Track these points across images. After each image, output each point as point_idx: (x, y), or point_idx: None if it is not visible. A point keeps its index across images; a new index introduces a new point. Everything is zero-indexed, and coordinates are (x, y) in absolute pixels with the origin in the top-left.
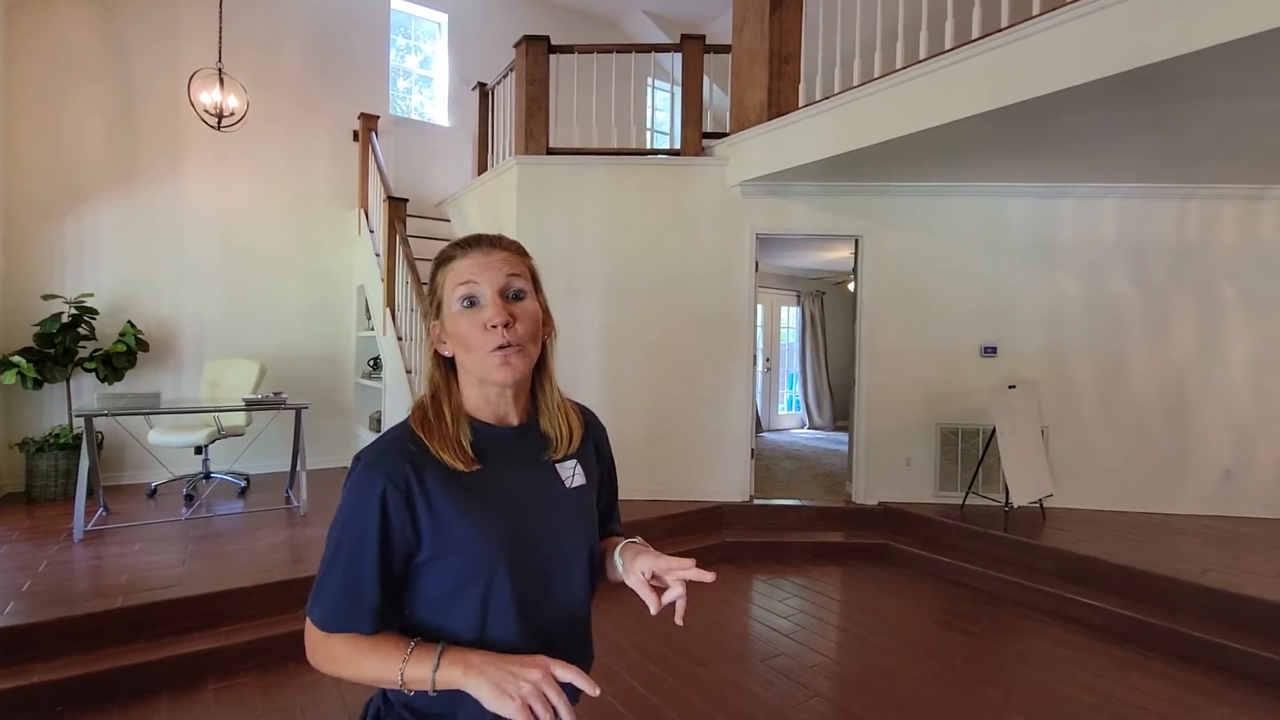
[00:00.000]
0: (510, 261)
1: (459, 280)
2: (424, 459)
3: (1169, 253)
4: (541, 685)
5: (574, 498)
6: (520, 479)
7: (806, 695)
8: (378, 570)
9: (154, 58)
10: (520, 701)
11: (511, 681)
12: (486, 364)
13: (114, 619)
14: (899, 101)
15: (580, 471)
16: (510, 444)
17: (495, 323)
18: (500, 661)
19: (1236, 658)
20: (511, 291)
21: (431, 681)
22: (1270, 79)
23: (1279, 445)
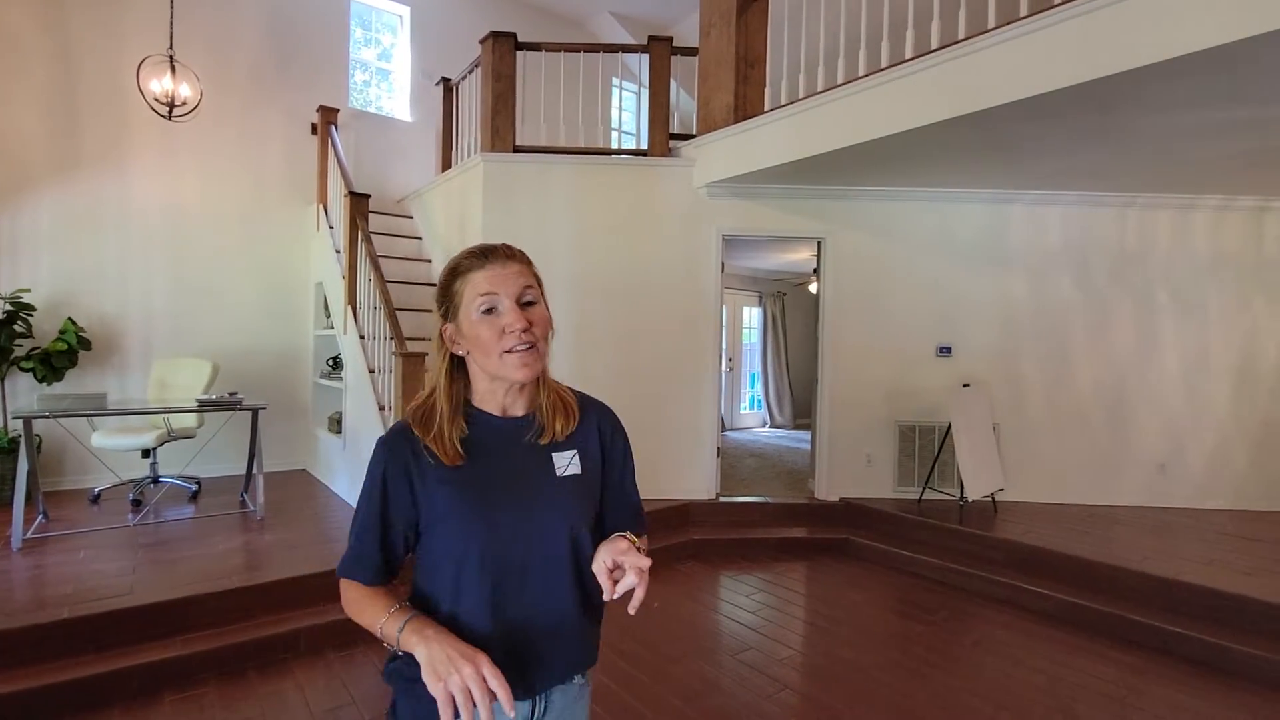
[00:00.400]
0: (523, 273)
1: (479, 291)
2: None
3: (1109, 258)
4: (468, 681)
5: (566, 485)
6: (511, 467)
7: (777, 688)
8: (378, 533)
9: (98, 44)
10: (444, 688)
11: (445, 665)
12: (504, 365)
13: (59, 630)
14: (861, 108)
15: (576, 460)
16: (509, 433)
17: (516, 329)
18: (446, 643)
19: (1173, 639)
20: (525, 299)
21: (397, 642)
22: (1199, 96)
23: (1208, 440)
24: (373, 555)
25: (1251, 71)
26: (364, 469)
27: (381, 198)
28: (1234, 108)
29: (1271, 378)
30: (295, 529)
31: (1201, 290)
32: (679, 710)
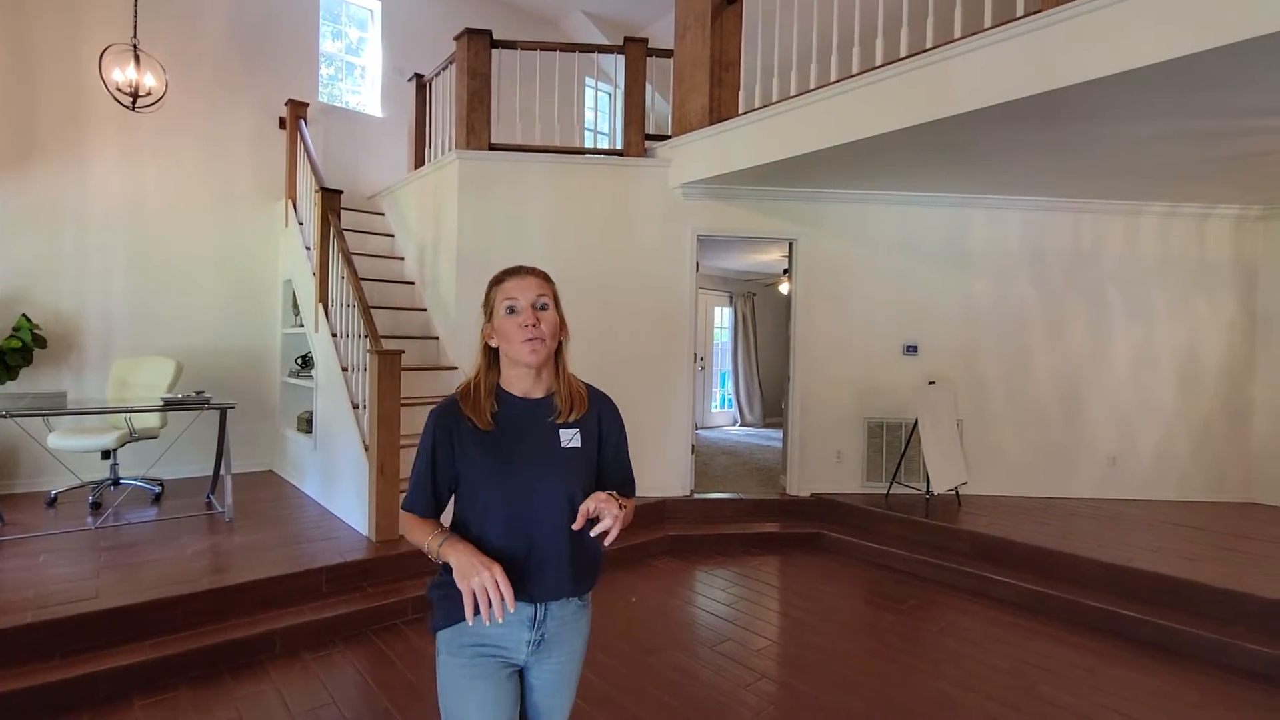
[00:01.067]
0: (539, 285)
1: (505, 296)
2: (463, 417)
3: (1065, 260)
4: (485, 583)
5: (568, 455)
6: (527, 436)
7: (754, 677)
8: (429, 480)
9: (55, 31)
10: (468, 586)
11: (470, 569)
12: (520, 351)
13: (22, 636)
14: (833, 112)
15: (578, 437)
16: (528, 410)
17: (528, 323)
18: (472, 555)
19: (1127, 623)
20: (539, 304)
21: (438, 554)
22: (1147, 108)
23: (1156, 434)
24: (426, 496)
25: (1195, 86)
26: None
27: (352, 194)
28: (1179, 119)
29: (1212, 375)
30: (266, 530)
31: (1149, 291)
32: (659, 700)
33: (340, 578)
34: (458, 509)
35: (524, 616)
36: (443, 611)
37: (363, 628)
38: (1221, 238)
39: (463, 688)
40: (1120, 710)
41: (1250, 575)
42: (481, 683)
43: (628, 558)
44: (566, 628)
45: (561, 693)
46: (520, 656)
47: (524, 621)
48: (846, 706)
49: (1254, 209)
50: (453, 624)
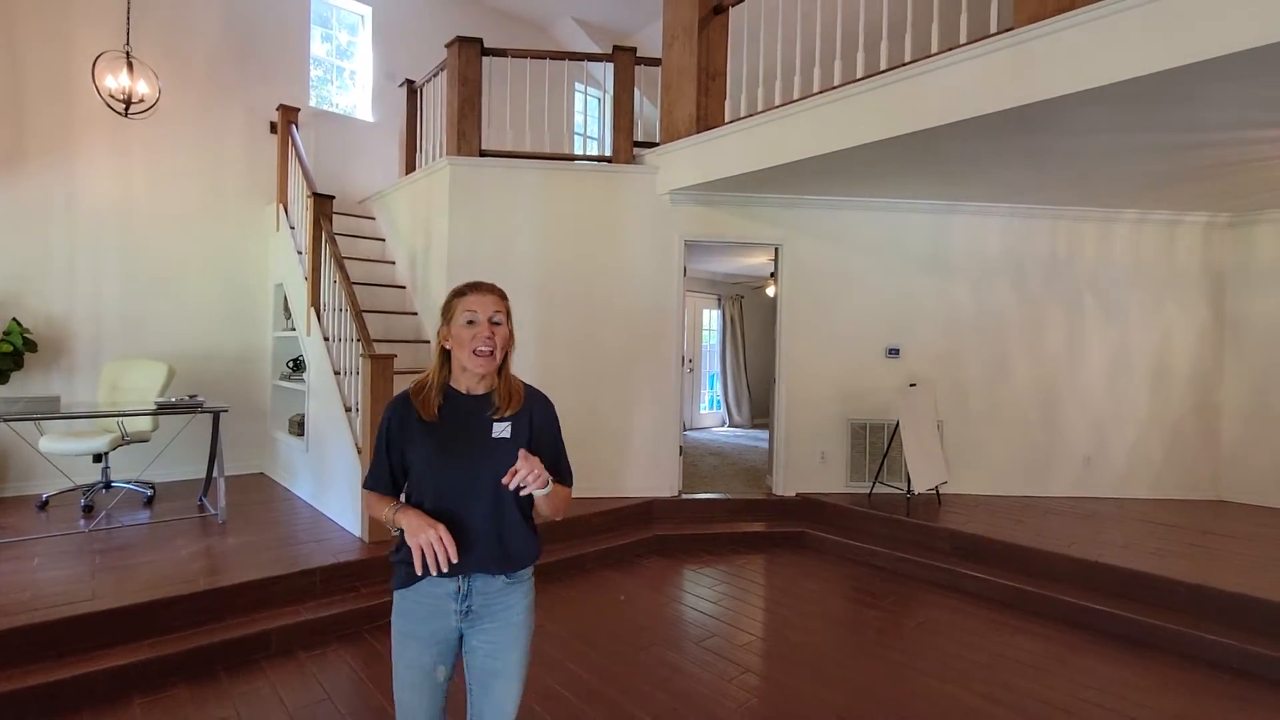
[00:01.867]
0: (496, 302)
1: (466, 308)
2: (412, 409)
3: (1042, 266)
4: (431, 539)
5: (496, 444)
6: (465, 428)
7: (739, 671)
8: (385, 463)
9: (44, 34)
10: (416, 542)
11: (419, 529)
12: (471, 360)
13: (18, 637)
14: (816, 123)
15: (510, 430)
16: (470, 405)
17: (483, 335)
18: (420, 517)
19: (1098, 616)
20: (494, 319)
21: (393, 521)
22: (1112, 122)
23: (1129, 435)
24: (382, 475)
25: (1157, 102)
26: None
27: (343, 198)
28: (1144, 133)
29: (1183, 377)
30: (259, 532)
31: (1122, 296)
32: (648, 694)
33: (334, 578)
34: (409, 488)
35: (450, 590)
36: (401, 574)
37: (357, 626)
38: (1191, 244)
39: (399, 643)
40: (1089, 699)
41: (1215, 570)
42: (411, 641)
43: (616, 558)
44: (494, 601)
45: (500, 656)
46: (453, 624)
47: (450, 594)
48: (827, 698)
49: (1222, 216)
50: (408, 585)
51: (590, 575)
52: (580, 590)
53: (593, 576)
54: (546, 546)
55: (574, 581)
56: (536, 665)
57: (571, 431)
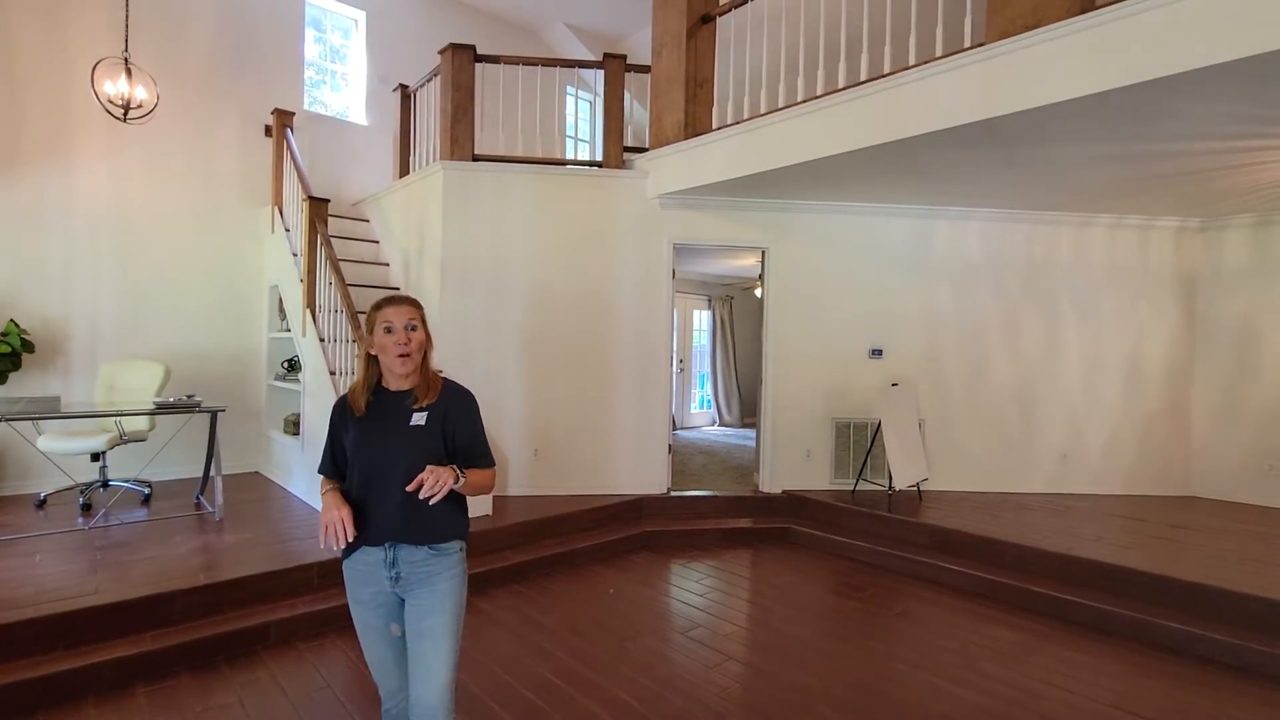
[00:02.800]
0: (410, 311)
1: (384, 320)
2: (349, 406)
3: (1020, 269)
4: (332, 520)
5: (411, 431)
6: (388, 417)
7: (722, 659)
8: (329, 450)
9: (41, 37)
10: (322, 523)
11: (326, 512)
12: (393, 362)
13: (25, 630)
14: (799, 131)
15: (426, 418)
16: (394, 399)
17: (400, 341)
18: (331, 500)
19: (1069, 607)
20: (410, 326)
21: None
22: (1077, 134)
23: (1104, 433)
24: (328, 462)
25: (1119, 115)
26: None
27: (337, 200)
28: (1110, 144)
29: (1155, 377)
30: (256, 529)
31: (1097, 298)
32: (634, 680)
33: (331, 573)
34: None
35: (379, 558)
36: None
37: None
38: (1164, 248)
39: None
40: (1052, 683)
41: (1177, 561)
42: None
43: (606, 553)
44: (420, 569)
45: (427, 619)
46: (387, 587)
47: (380, 561)
48: (804, 683)
49: (1193, 221)
50: (348, 555)
51: (580, 570)
52: (570, 585)
53: (583, 571)
54: (538, 543)
55: (564, 576)
56: (526, 653)
57: (562, 430)
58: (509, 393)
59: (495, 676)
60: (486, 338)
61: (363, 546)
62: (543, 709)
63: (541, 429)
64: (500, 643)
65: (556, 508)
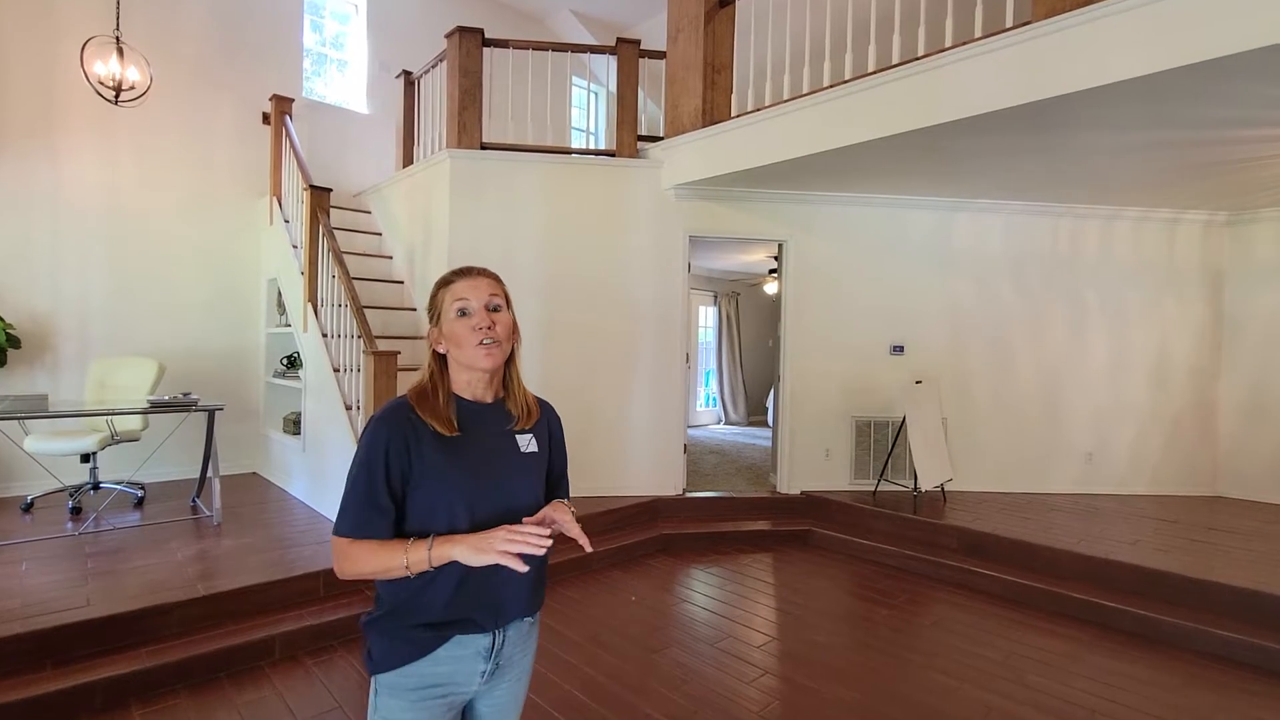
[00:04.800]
0: (492, 285)
1: (456, 297)
2: (420, 421)
3: (1044, 263)
4: (506, 539)
5: (527, 459)
6: (489, 440)
7: (758, 673)
8: (387, 491)
9: (26, 19)
10: (495, 552)
11: (484, 542)
12: (474, 355)
13: (11, 646)
14: (824, 118)
15: (534, 443)
16: (484, 414)
17: (482, 325)
18: (471, 537)
19: (1108, 613)
20: (492, 305)
21: (429, 559)
22: (1122, 120)
23: (1130, 432)
24: (386, 509)
25: (1167, 99)
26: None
27: (337, 191)
28: (1153, 130)
29: (1181, 374)
30: (256, 533)
31: (1123, 294)
32: (666, 696)
33: (338, 581)
34: (413, 525)
35: (480, 647)
36: (385, 651)
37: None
38: (1190, 243)
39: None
40: (1108, 697)
41: (1220, 566)
42: None
43: (622, 557)
44: (519, 650)
45: (508, 715)
46: (472, 689)
47: (480, 653)
48: (849, 699)
49: (1220, 215)
50: (397, 667)
51: (597, 576)
52: (588, 591)
53: (600, 577)
54: (555, 545)
55: (581, 582)
56: (550, 668)
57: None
58: None
59: None
60: None
61: (456, 637)
62: None
63: None
64: None
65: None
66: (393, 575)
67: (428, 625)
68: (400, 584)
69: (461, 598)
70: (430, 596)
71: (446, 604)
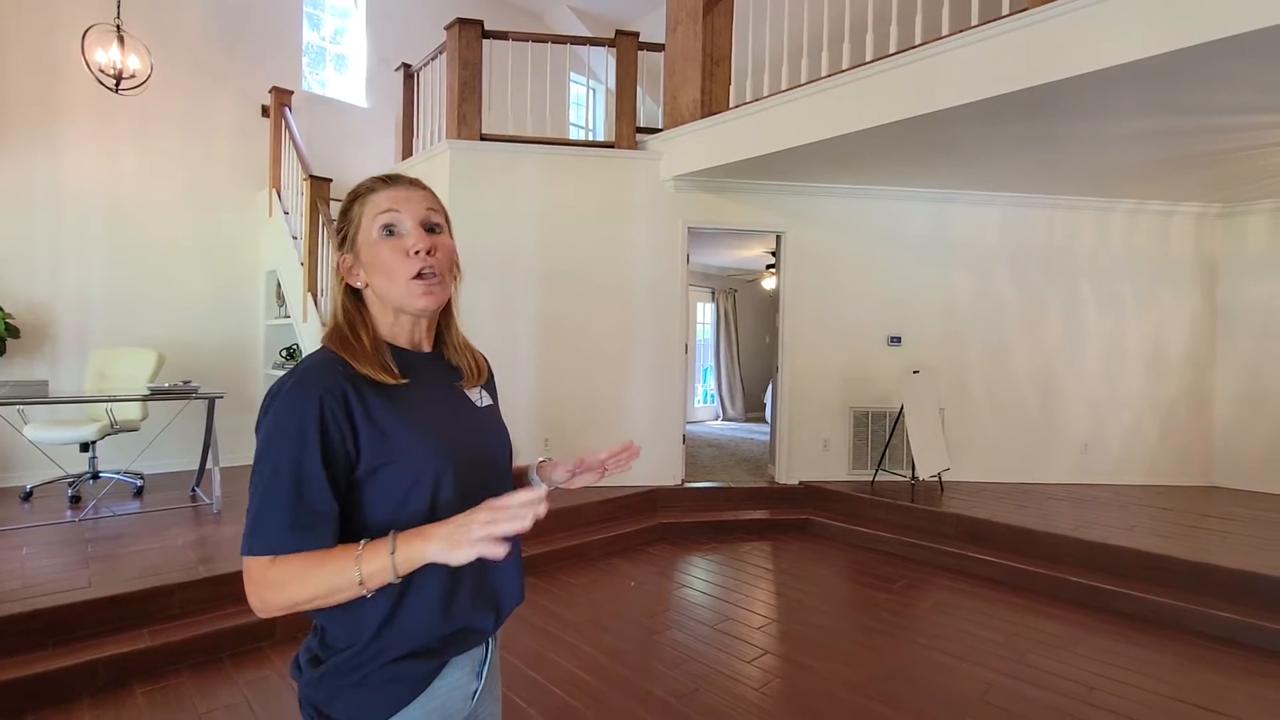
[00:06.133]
0: (429, 199)
1: (379, 209)
2: (354, 374)
3: (1040, 254)
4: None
5: (489, 414)
6: (445, 393)
7: (758, 652)
8: (326, 480)
9: (25, 7)
10: (471, 544)
11: (460, 532)
12: (409, 291)
13: (11, 625)
14: (822, 107)
15: (486, 395)
16: (426, 365)
17: (419, 248)
18: (446, 523)
19: (1106, 596)
20: (430, 224)
21: (392, 566)
22: (1123, 105)
23: (1125, 422)
24: (326, 506)
25: (1171, 83)
26: None
27: (337, 183)
28: (1154, 117)
29: (1176, 365)
30: None
31: (1118, 284)
32: (667, 674)
33: None
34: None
35: (475, 661)
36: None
37: None
38: (1184, 234)
39: None
40: (1108, 675)
41: (1217, 549)
42: None
43: (622, 545)
44: (497, 657)
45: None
46: (462, 715)
47: (474, 669)
48: (850, 677)
49: (1214, 207)
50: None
51: (597, 563)
52: (589, 577)
53: (600, 564)
54: (552, 534)
55: (582, 569)
56: (551, 649)
57: (575, 418)
58: (519, 379)
59: (521, 674)
60: (496, 322)
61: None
62: (575, 706)
63: (552, 416)
64: (522, 638)
65: (570, 499)
66: (343, 598)
67: (414, 655)
68: (357, 612)
69: (456, 603)
70: (411, 615)
71: (437, 618)
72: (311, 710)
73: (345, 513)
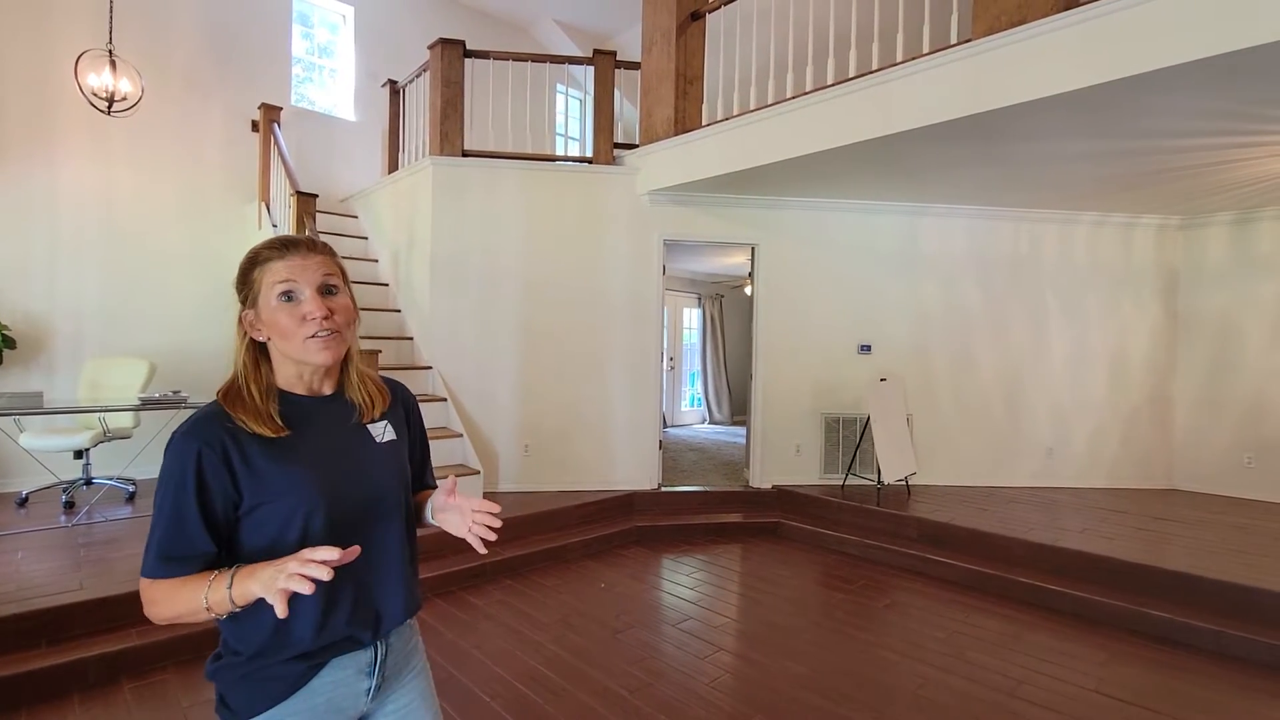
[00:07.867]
0: (325, 264)
1: (277, 278)
2: (235, 428)
3: (1006, 265)
4: (299, 569)
5: (386, 449)
6: (334, 437)
7: (713, 650)
8: (201, 520)
9: (22, 29)
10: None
11: (277, 573)
12: (306, 349)
13: (7, 626)
14: (788, 127)
15: (390, 429)
16: (323, 409)
17: (316, 315)
18: (269, 564)
19: (1051, 596)
20: (327, 287)
21: (229, 599)
22: (1065, 130)
23: (1088, 427)
24: (200, 544)
25: (1102, 111)
26: None
27: (325, 196)
28: (1095, 140)
29: (1138, 372)
30: None
31: (1081, 294)
32: (626, 671)
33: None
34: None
35: (361, 663)
36: (246, 698)
37: None
38: (1146, 245)
39: None
40: (1038, 670)
41: (1161, 551)
42: None
43: (597, 548)
44: (404, 655)
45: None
46: (358, 709)
47: (361, 670)
48: (795, 672)
49: (1174, 219)
50: (263, 712)
51: (572, 565)
52: (562, 579)
53: (574, 566)
54: (529, 538)
55: (556, 571)
56: (517, 647)
57: (553, 425)
58: (500, 388)
59: (486, 669)
60: (477, 333)
61: (332, 661)
62: (534, 700)
63: (532, 424)
64: (491, 637)
65: (547, 503)
66: (202, 617)
67: (297, 658)
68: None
69: (333, 620)
70: (296, 628)
71: (311, 634)
72: (218, 696)
73: (232, 540)
